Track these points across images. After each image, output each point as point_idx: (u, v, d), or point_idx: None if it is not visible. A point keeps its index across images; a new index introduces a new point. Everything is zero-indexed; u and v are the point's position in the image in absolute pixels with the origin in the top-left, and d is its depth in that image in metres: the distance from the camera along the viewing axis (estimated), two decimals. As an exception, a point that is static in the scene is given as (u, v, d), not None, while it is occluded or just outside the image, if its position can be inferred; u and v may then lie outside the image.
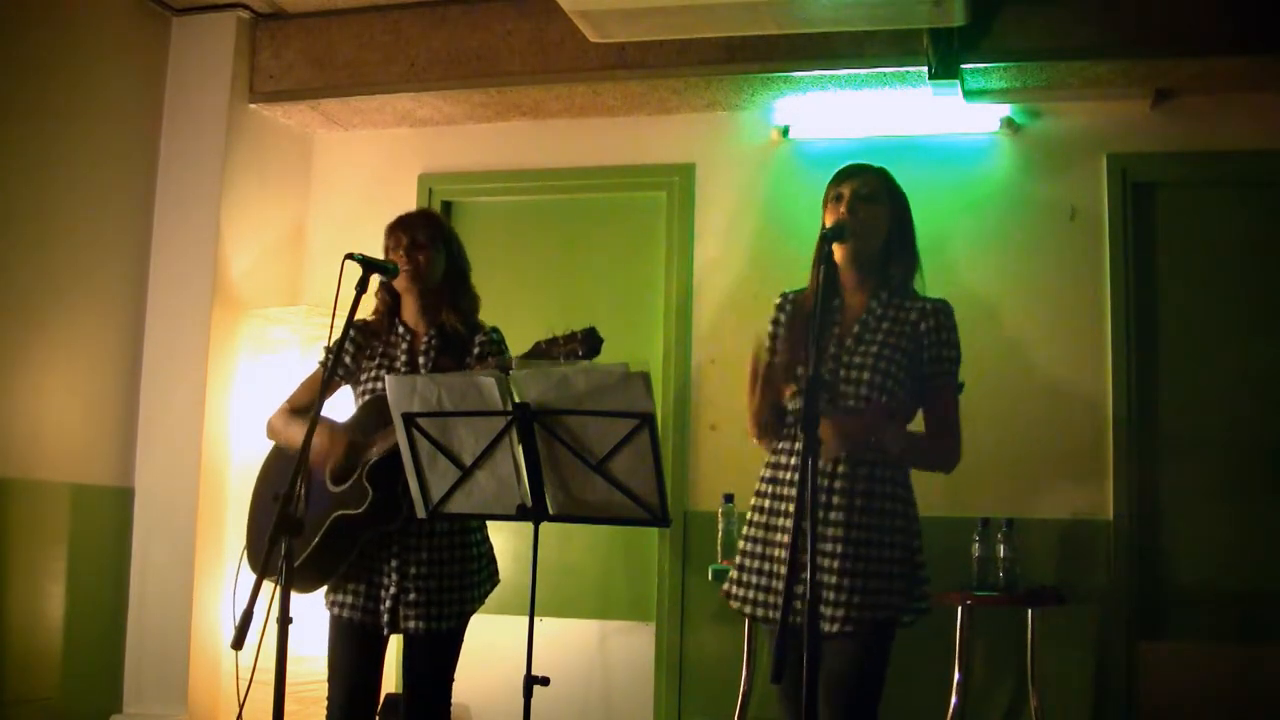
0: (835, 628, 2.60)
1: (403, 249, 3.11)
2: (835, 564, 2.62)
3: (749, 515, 2.82)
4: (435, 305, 3.16)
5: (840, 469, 2.67)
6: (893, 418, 2.68)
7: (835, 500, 2.66)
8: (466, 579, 3.07)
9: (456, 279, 3.19)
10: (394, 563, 3.01)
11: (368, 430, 3.00)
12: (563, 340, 2.82)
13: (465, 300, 3.19)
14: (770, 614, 2.68)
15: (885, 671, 2.67)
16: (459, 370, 3.06)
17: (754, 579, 2.74)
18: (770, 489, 2.76)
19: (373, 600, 3.03)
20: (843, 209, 2.75)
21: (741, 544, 2.81)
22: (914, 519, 2.75)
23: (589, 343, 2.81)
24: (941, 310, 2.78)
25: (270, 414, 3.23)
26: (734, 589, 2.79)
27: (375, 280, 3.02)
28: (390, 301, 3.20)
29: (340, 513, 2.95)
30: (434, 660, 3.06)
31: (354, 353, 3.17)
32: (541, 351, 2.85)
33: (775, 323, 2.87)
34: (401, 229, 3.15)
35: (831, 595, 2.61)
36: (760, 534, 2.75)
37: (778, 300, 2.90)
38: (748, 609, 2.75)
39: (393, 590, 3.00)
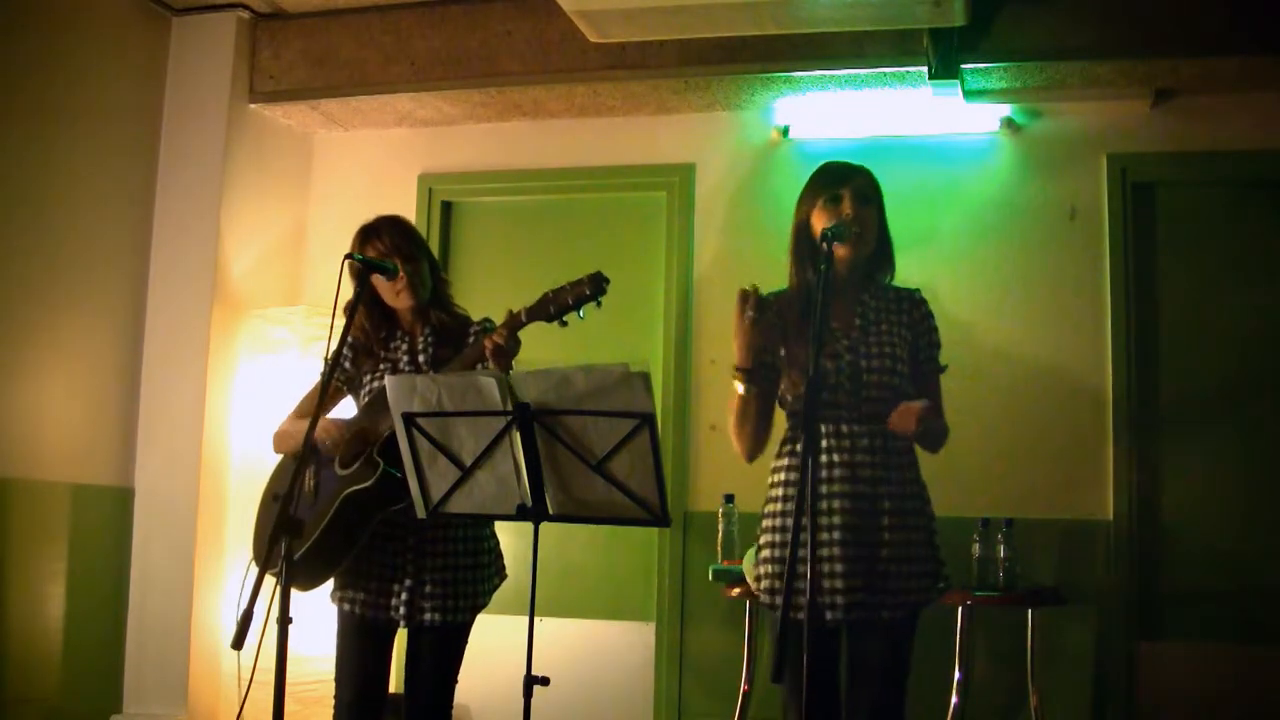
0: (888, 614, 2.67)
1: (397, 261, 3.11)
2: (887, 552, 2.69)
3: (771, 521, 2.82)
4: (426, 309, 3.18)
5: (879, 458, 2.72)
6: (906, 396, 2.76)
7: (882, 489, 2.72)
8: (480, 572, 3.10)
9: (439, 281, 3.22)
10: (410, 555, 3.03)
11: (375, 416, 3.00)
12: (569, 286, 2.86)
13: (445, 292, 3.23)
14: (836, 614, 2.69)
15: (913, 650, 2.77)
16: (458, 359, 3.06)
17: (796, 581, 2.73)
18: (795, 491, 2.75)
19: (385, 596, 3.04)
20: (846, 209, 2.76)
21: (769, 550, 2.80)
22: (929, 501, 2.83)
23: (595, 284, 2.85)
24: (922, 299, 2.90)
25: (276, 428, 3.22)
26: (776, 599, 2.75)
27: (351, 291, 3.04)
28: (374, 322, 3.16)
29: (351, 489, 2.95)
30: (444, 654, 3.07)
31: (352, 357, 3.17)
32: (548, 300, 2.88)
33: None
34: (386, 239, 3.11)
35: (889, 584, 2.68)
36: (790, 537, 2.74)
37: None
38: (793, 612, 2.74)
39: (408, 584, 3.01)
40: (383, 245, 3.11)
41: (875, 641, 2.70)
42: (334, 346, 3.07)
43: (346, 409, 3.21)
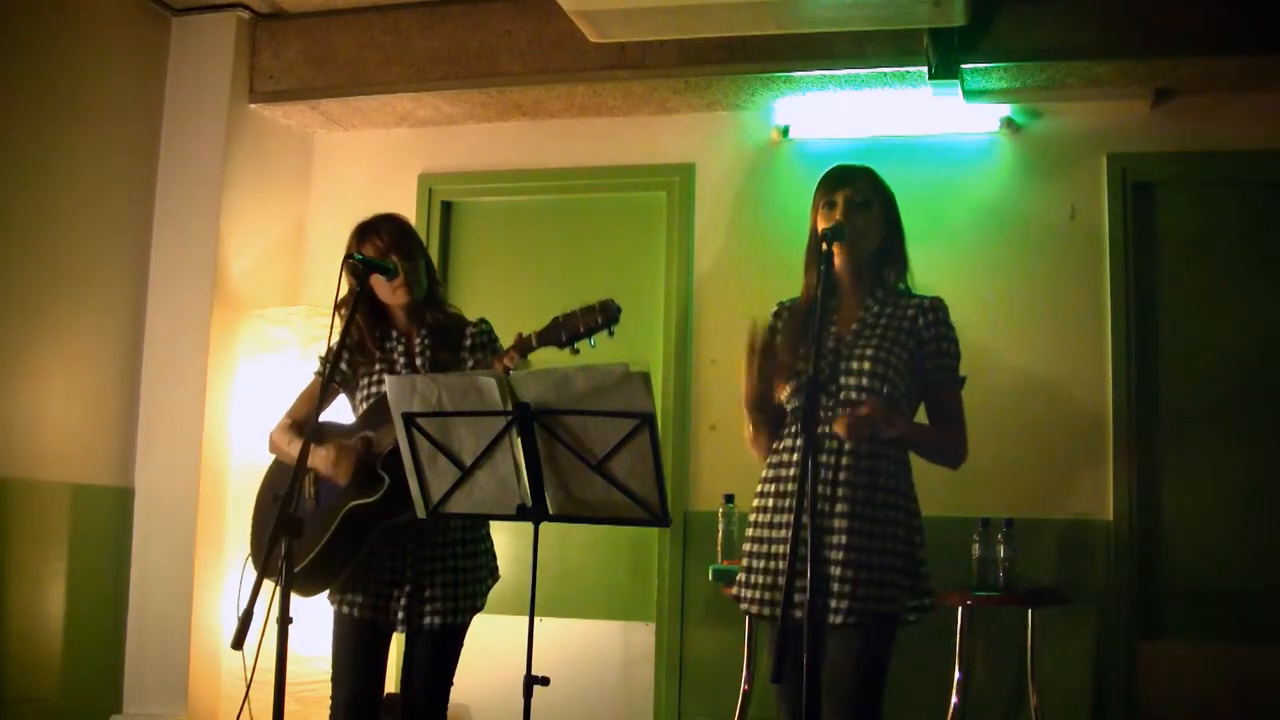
0: (839, 619, 2.61)
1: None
2: (840, 555, 2.63)
3: (751, 516, 2.81)
4: (421, 308, 3.17)
5: (844, 461, 2.68)
6: (894, 406, 2.71)
7: (840, 493, 2.66)
8: (477, 573, 3.11)
9: (434, 280, 3.22)
10: (410, 560, 3.03)
11: (376, 425, 3.00)
12: (580, 313, 2.82)
13: (439, 292, 3.23)
14: (779, 612, 2.66)
15: (887, 666, 2.68)
16: (456, 360, 3.06)
17: (761, 578, 2.73)
18: (773, 488, 2.76)
19: (384, 599, 3.04)
20: (837, 215, 2.77)
21: (746, 545, 2.81)
22: (916, 515, 2.76)
23: (607, 312, 2.81)
24: (938, 307, 2.82)
25: (272, 428, 3.22)
26: (742, 590, 2.78)
27: (350, 291, 3.04)
28: (369, 320, 3.16)
29: (355, 503, 2.95)
30: (441, 656, 3.07)
31: (349, 359, 3.17)
32: (559, 325, 2.85)
33: (772, 330, 2.89)
34: (382, 242, 3.11)
35: (836, 587, 2.62)
36: (765, 533, 2.75)
37: (774, 309, 2.92)
38: (755, 609, 2.74)
39: (408, 588, 3.01)
40: (381, 243, 3.11)
41: (832, 646, 2.63)
42: (332, 345, 3.06)
43: (341, 407, 3.21)
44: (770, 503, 2.76)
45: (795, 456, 2.72)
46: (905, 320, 2.79)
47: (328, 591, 3.11)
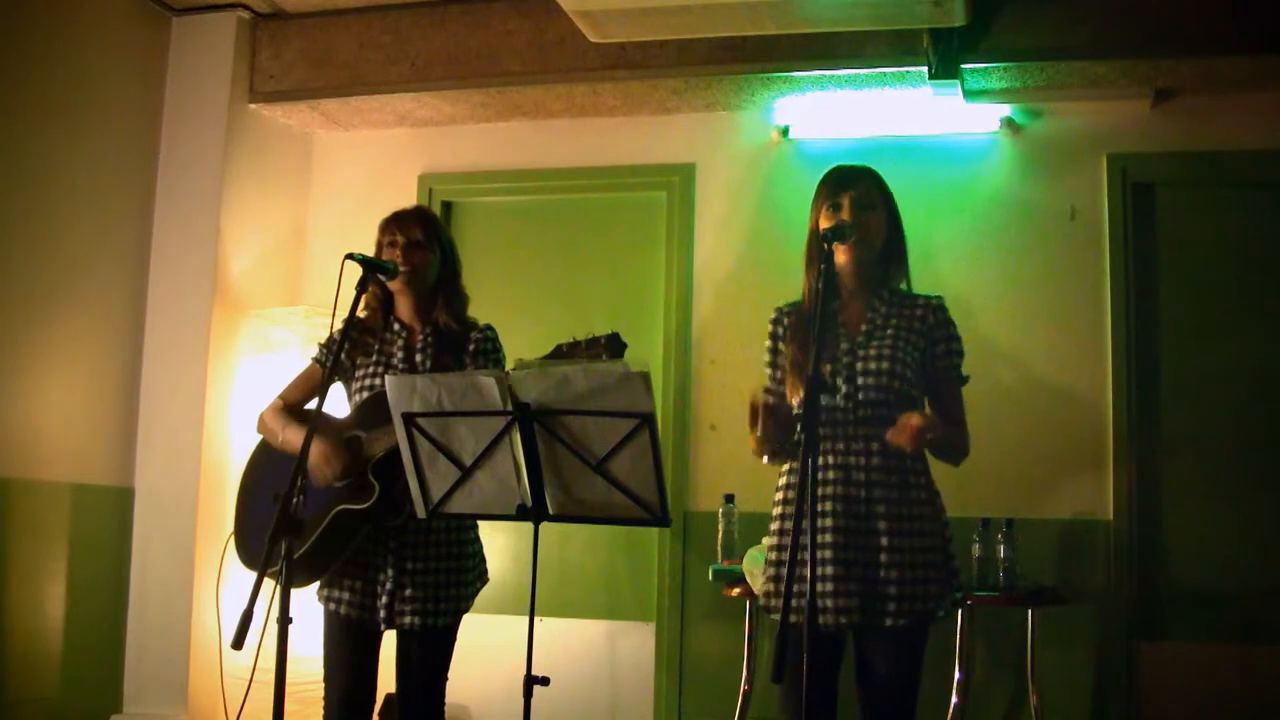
0: (890, 622, 2.64)
1: (399, 248, 3.11)
2: (887, 558, 2.65)
3: (775, 524, 2.81)
4: (429, 304, 3.17)
5: (875, 462, 2.69)
6: (911, 405, 2.73)
7: (878, 493, 2.68)
8: (462, 575, 3.09)
9: (450, 278, 3.20)
10: (391, 559, 3.02)
11: (369, 426, 3.00)
12: (585, 344, 2.82)
13: (458, 299, 3.21)
14: (826, 619, 2.66)
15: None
16: (457, 366, 3.06)
17: (799, 585, 2.71)
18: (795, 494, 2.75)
19: (369, 596, 3.04)
20: (844, 217, 2.77)
21: (773, 554, 2.79)
22: (942, 510, 2.79)
23: (612, 348, 2.80)
24: (941, 307, 2.85)
25: (263, 409, 3.23)
26: (774, 601, 2.75)
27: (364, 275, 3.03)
28: (382, 298, 3.18)
29: (343, 507, 2.95)
30: (429, 657, 3.06)
31: (348, 349, 3.16)
32: (563, 355, 2.84)
33: (774, 336, 2.89)
34: (398, 226, 3.14)
35: (891, 590, 2.65)
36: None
37: (773, 315, 2.91)
38: (794, 616, 2.72)
39: (389, 586, 3.01)
40: (394, 232, 3.12)
41: (880, 649, 2.68)
42: (337, 336, 3.04)
43: (334, 396, 3.20)
44: (793, 510, 2.74)
45: (821, 460, 2.71)
46: (915, 320, 2.81)
47: (315, 585, 3.11)
